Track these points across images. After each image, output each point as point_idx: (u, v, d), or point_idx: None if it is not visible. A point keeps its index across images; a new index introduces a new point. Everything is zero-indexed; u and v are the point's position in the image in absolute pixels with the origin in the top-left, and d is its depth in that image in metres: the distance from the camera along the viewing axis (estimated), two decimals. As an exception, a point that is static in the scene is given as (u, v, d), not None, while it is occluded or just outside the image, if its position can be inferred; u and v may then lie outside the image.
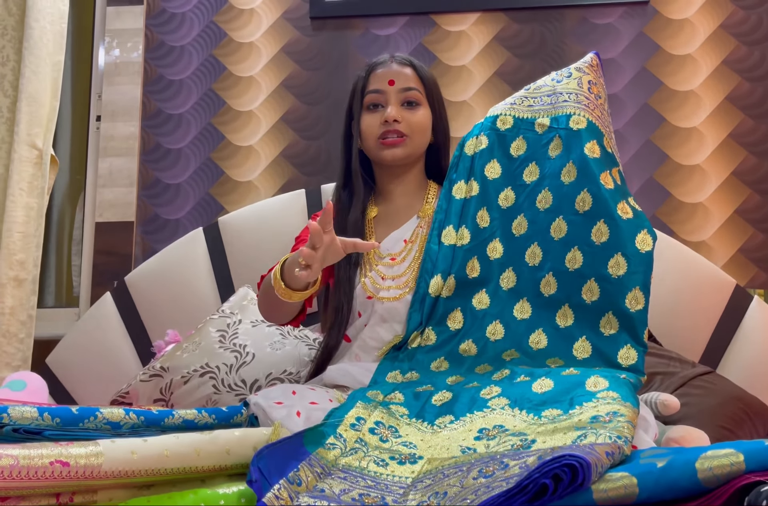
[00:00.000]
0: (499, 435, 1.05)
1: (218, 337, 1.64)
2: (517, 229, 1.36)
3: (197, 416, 1.01)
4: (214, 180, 2.16)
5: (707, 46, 2.09)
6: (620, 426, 0.96)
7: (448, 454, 1.03)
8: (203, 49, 2.24)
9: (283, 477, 0.89)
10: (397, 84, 1.45)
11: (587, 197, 1.30)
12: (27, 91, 1.98)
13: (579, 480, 0.75)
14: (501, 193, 1.40)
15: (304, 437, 1.01)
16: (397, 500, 0.90)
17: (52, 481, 0.76)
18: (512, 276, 1.35)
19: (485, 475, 0.87)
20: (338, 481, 0.94)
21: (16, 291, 1.90)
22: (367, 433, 1.09)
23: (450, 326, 1.34)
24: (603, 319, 1.26)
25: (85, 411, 0.90)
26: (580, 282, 1.27)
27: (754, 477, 0.74)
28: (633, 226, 1.27)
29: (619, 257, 1.26)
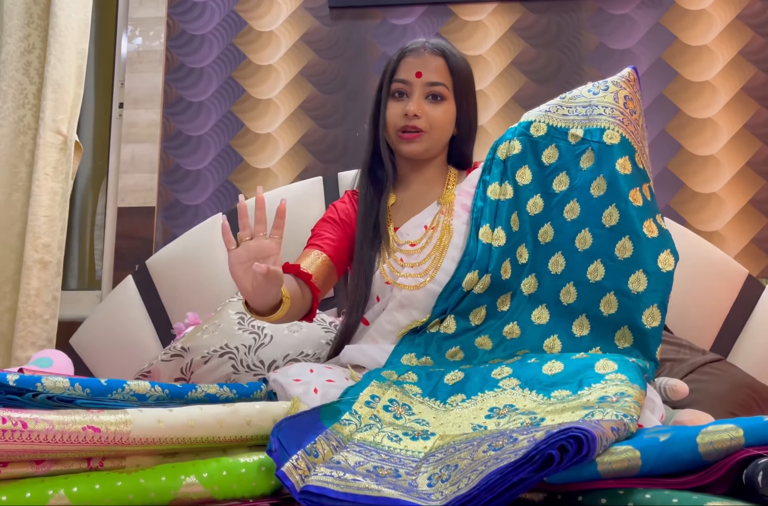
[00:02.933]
0: (509, 414, 1.07)
1: (237, 319, 1.68)
2: (543, 236, 1.39)
3: (219, 390, 1.05)
4: (233, 166, 2.20)
5: (724, 36, 2.10)
6: (627, 406, 0.99)
7: (460, 431, 1.06)
8: (223, 37, 2.27)
9: (301, 449, 0.92)
10: (423, 77, 1.43)
11: (615, 212, 1.32)
12: (52, 78, 2.02)
13: (584, 452, 0.78)
14: (530, 200, 1.42)
15: (320, 412, 1.05)
16: (409, 472, 0.93)
17: (84, 446, 0.80)
18: (534, 282, 1.38)
19: (495, 448, 0.90)
20: (353, 454, 0.97)
21: (41, 273, 1.95)
22: (381, 410, 1.12)
23: (471, 321, 1.37)
24: (618, 332, 1.28)
25: (114, 383, 0.95)
26: (599, 294, 1.30)
27: (753, 451, 0.77)
28: (657, 245, 1.29)
29: (641, 274, 1.28)
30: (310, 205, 1.93)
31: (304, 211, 1.90)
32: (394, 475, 0.92)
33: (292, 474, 0.87)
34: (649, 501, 0.77)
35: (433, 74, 1.44)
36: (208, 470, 0.87)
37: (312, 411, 1.03)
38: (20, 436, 0.76)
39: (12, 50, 2.07)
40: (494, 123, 2.13)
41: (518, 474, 0.77)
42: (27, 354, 1.88)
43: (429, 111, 1.43)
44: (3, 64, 2.06)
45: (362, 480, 0.86)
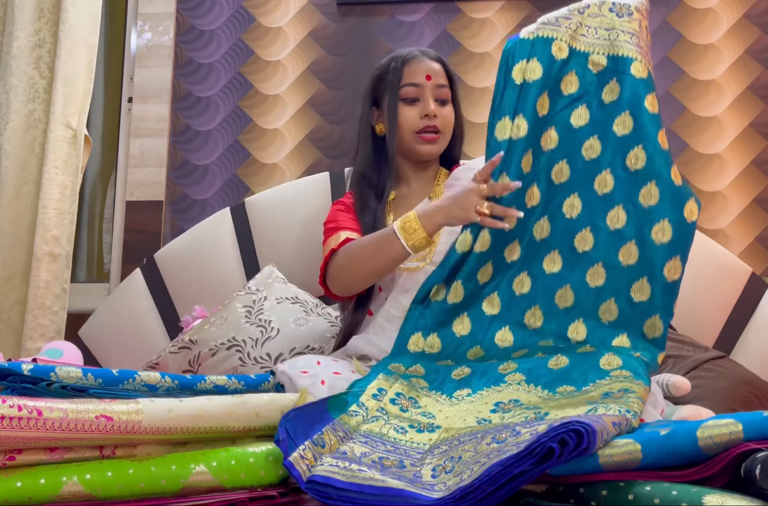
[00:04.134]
0: (514, 408, 1.08)
1: (244, 313, 1.70)
2: (558, 175, 1.26)
3: (227, 382, 1.07)
4: (241, 161, 2.22)
5: (730, 35, 2.11)
6: (630, 402, 1.00)
7: (465, 424, 1.07)
8: (232, 33, 2.29)
9: (308, 439, 0.94)
10: (433, 80, 1.51)
11: (641, 154, 1.21)
12: (62, 73, 2.04)
13: (584, 445, 0.79)
14: (545, 133, 1.26)
15: (328, 403, 1.06)
16: (414, 463, 0.95)
17: (97, 434, 0.82)
18: (547, 225, 1.26)
19: (498, 441, 0.91)
20: (359, 445, 0.98)
21: (51, 265, 1.97)
22: (387, 403, 1.13)
23: (479, 279, 1.28)
24: (636, 284, 1.21)
25: (125, 374, 0.97)
26: (618, 242, 1.22)
27: (752, 445, 0.78)
28: (683, 194, 1.21)
29: (666, 223, 1.20)
30: (317, 201, 1.95)
31: (311, 207, 1.92)
32: (398, 466, 0.93)
33: (299, 464, 0.89)
34: (649, 493, 0.78)
35: (439, 77, 1.52)
36: (217, 459, 0.89)
37: (320, 402, 1.05)
38: (35, 424, 0.78)
39: (23, 44, 2.09)
40: (500, 120, 2.14)
41: (519, 466, 0.79)
42: (37, 345, 1.90)
43: (441, 112, 1.51)
44: (14, 59, 2.08)
45: (367, 470, 0.87)
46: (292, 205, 1.99)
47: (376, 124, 1.56)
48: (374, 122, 1.56)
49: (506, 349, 1.25)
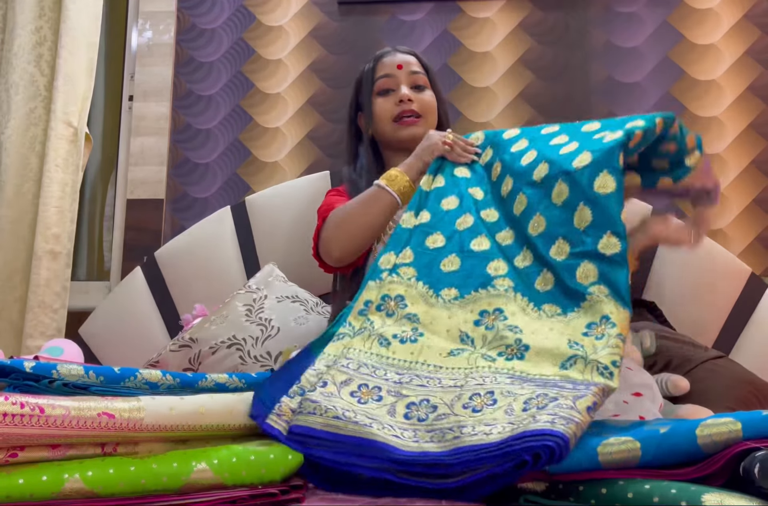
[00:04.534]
0: (496, 324, 1.09)
1: (245, 311, 1.70)
2: None
3: (228, 380, 1.07)
4: (241, 160, 2.22)
5: (730, 35, 2.11)
6: (609, 347, 0.99)
7: (448, 338, 1.09)
8: (233, 32, 2.29)
9: (284, 395, 0.97)
10: (405, 68, 1.56)
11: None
12: (63, 71, 2.04)
13: (556, 457, 0.82)
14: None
15: (311, 345, 1.10)
16: (391, 391, 0.99)
17: (99, 431, 0.83)
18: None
19: (474, 409, 0.93)
20: (342, 371, 1.02)
21: (51, 263, 1.97)
22: (373, 312, 1.15)
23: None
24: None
25: (126, 371, 0.97)
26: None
27: (751, 444, 0.78)
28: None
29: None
30: (317, 200, 1.94)
31: (312, 205, 1.92)
32: (375, 398, 0.97)
33: (277, 423, 0.94)
34: (648, 491, 0.79)
35: (412, 65, 1.57)
36: (219, 457, 0.89)
37: (302, 352, 1.09)
38: (37, 421, 0.79)
39: (24, 42, 2.09)
40: (500, 119, 2.14)
41: (495, 469, 0.83)
42: (37, 343, 1.90)
43: (419, 97, 1.55)
44: (15, 56, 2.08)
45: (342, 417, 0.92)
46: (292, 204, 1.99)
47: (362, 128, 1.59)
48: (361, 126, 1.60)
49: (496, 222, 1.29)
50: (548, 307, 1.11)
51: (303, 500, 0.91)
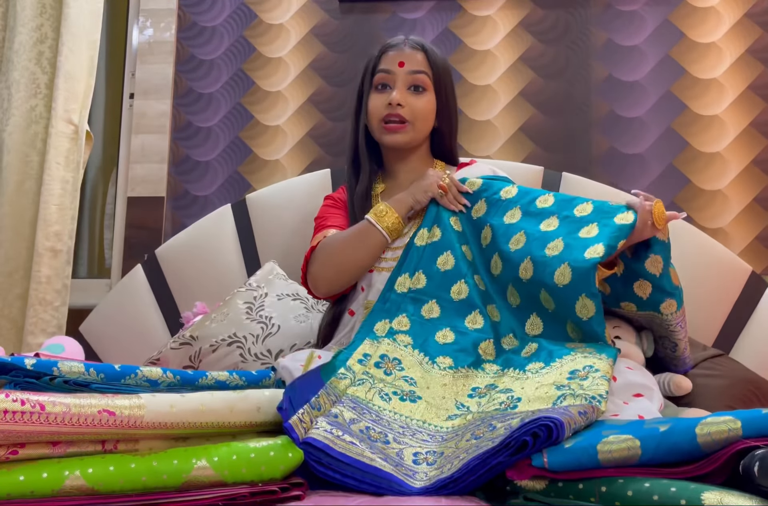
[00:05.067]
0: (489, 392, 1.15)
1: (245, 309, 1.70)
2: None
3: (229, 378, 1.07)
4: (242, 158, 2.22)
5: (732, 34, 2.11)
6: (595, 384, 1.05)
7: (444, 407, 1.13)
8: (234, 30, 2.29)
9: (307, 403, 1.01)
10: (406, 66, 1.48)
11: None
12: (64, 69, 2.04)
13: (554, 437, 0.85)
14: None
15: (321, 370, 1.13)
16: (396, 438, 1.02)
17: (99, 428, 0.83)
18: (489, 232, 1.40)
19: (476, 437, 0.96)
20: (348, 410, 1.05)
21: (52, 261, 1.97)
22: (372, 367, 1.20)
23: (441, 268, 1.39)
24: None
25: (127, 369, 0.97)
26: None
27: (751, 442, 0.78)
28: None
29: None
30: (318, 198, 1.94)
31: (312, 204, 1.92)
32: (383, 440, 1.00)
33: (297, 427, 0.96)
34: (648, 489, 0.79)
35: (415, 64, 1.49)
36: (219, 454, 0.89)
37: (315, 370, 1.11)
38: (38, 418, 0.79)
39: (25, 40, 2.09)
40: (501, 118, 2.14)
41: (497, 458, 0.86)
42: (38, 340, 1.90)
43: (412, 101, 1.48)
44: (16, 54, 2.08)
45: (358, 444, 0.94)
46: (293, 202, 1.99)
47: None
48: (363, 112, 1.56)
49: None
50: (532, 366, 1.18)
51: (303, 497, 0.91)
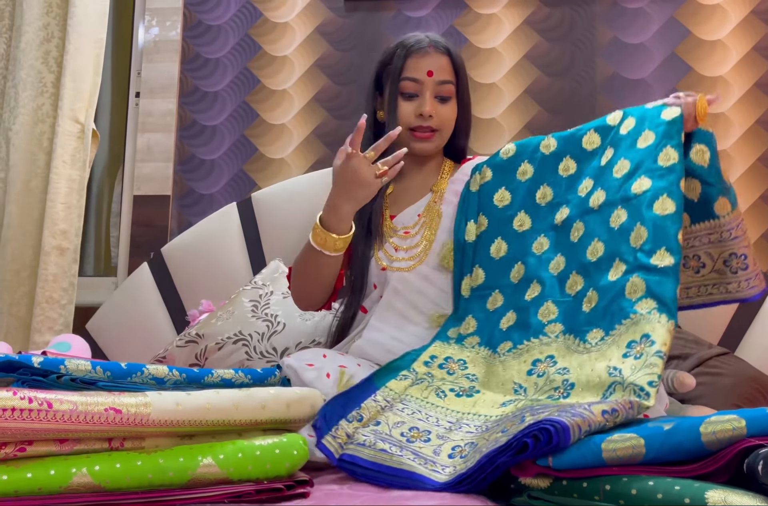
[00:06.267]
0: (548, 370, 1.14)
1: (251, 307, 1.71)
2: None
3: (234, 376, 1.08)
4: (247, 156, 2.23)
5: (738, 31, 2.10)
6: (647, 367, 1.01)
7: (503, 392, 1.15)
8: (239, 28, 2.29)
9: (342, 419, 1.05)
10: (435, 76, 1.46)
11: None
12: (70, 67, 2.04)
13: (554, 443, 0.85)
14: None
15: (375, 375, 1.17)
16: (440, 435, 1.04)
17: (106, 426, 0.83)
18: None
19: (504, 430, 0.97)
20: (396, 414, 1.09)
21: (58, 259, 1.98)
22: (436, 368, 1.24)
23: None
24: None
25: (133, 367, 0.97)
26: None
27: (755, 441, 0.79)
28: None
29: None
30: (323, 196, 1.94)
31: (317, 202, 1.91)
32: (424, 439, 1.04)
33: (331, 444, 1.03)
34: (652, 488, 0.79)
35: (443, 73, 1.48)
36: (224, 452, 0.90)
37: (364, 381, 1.15)
38: (45, 416, 0.79)
39: (31, 39, 2.10)
40: (506, 115, 2.14)
41: (500, 457, 0.89)
42: (44, 338, 1.91)
43: (441, 111, 1.48)
44: (22, 53, 2.09)
45: (388, 450, 0.99)
46: (298, 200, 2.00)
47: (378, 110, 1.55)
48: (377, 107, 1.55)
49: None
50: (592, 335, 1.15)
51: (308, 495, 0.92)
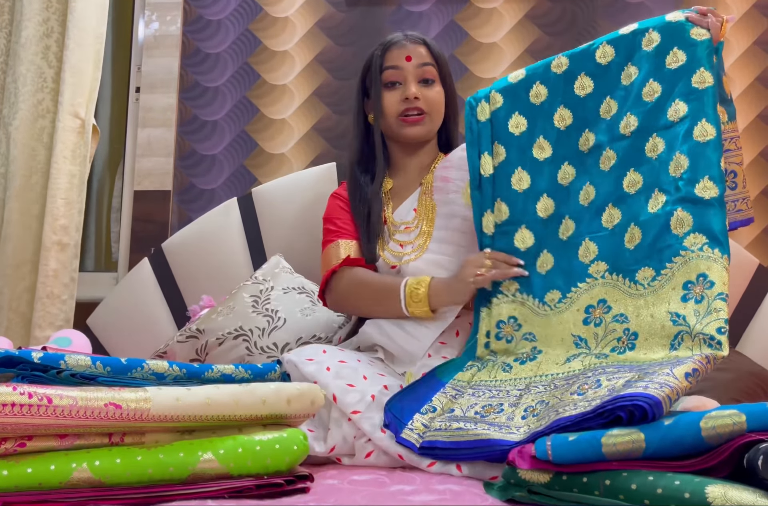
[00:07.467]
0: (604, 318, 1.12)
1: (251, 302, 1.71)
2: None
3: (235, 371, 1.08)
4: (248, 152, 2.22)
5: (739, 26, 2.09)
6: (713, 312, 1.00)
7: (564, 347, 1.14)
8: (239, 23, 2.28)
9: (416, 413, 1.09)
10: (414, 60, 1.49)
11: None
12: (70, 62, 2.04)
13: (650, 418, 0.86)
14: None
15: (435, 372, 1.20)
16: (512, 403, 1.07)
17: (106, 421, 0.83)
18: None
19: (580, 392, 0.98)
20: (467, 398, 1.12)
21: (59, 254, 1.98)
22: (495, 341, 1.24)
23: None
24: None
25: (133, 362, 0.97)
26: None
27: (755, 436, 0.79)
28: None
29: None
30: (323, 191, 1.95)
31: (318, 197, 1.92)
32: (497, 410, 1.07)
33: (410, 436, 1.06)
34: (652, 482, 0.79)
35: (421, 57, 1.50)
36: (225, 447, 0.90)
37: (425, 377, 1.19)
38: (45, 411, 0.80)
39: (31, 34, 2.09)
40: (508, 110, 2.13)
41: (588, 423, 0.90)
42: (45, 333, 1.91)
43: (426, 93, 1.49)
44: (22, 48, 2.08)
45: (464, 426, 1.02)
46: (299, 196, 1.99)
47: (369, 114, 1.56)
48: (367, 112, 1.56)
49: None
50: (642, 274, 1.11)
51: (308, 490, 0.92)
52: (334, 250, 1.47)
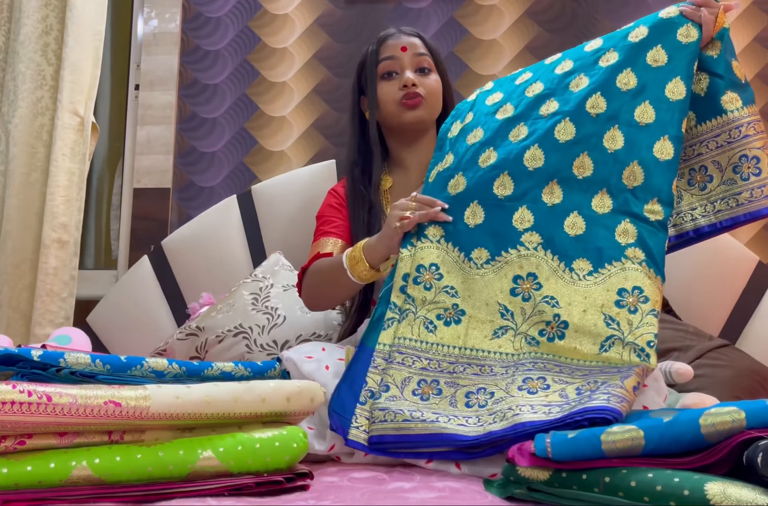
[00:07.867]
0: (532, 294, 1.11)
1: (251, 300, 1.71)
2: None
3: (234, 369, 1.07)
4: (247, 149, 2.22)
5: (739, 22, 2.09)
6: (644, 325, 1.04)
7: (488, 314, 1.12)
8: (238, 20, 2.28)
9: (356, 403, 1.05)
10: (409, 50, 1.50)
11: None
12: (69, 60, 2.04)
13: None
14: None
15: (364, 337, 1.16)
16: (448, 382, 1.06)
17: (106, 419, 0.83)
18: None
19: (530, 390, 1.00)
20: (397, 368, 1.09)
21: (59, 252, 1.98)
22: (412, 285, 1.17)
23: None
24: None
25: (133, 360, 0.97)
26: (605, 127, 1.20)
27: (755, 433, 0.78)
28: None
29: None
30: (323, 188, 1.94)
31: (318, 194, 1.92)
32: (435, 392, 1.05)
33: (357, 437, 1.03)
34: (651, 479, 0.79)
35: (416, 47, 1.52)
36: (224, 445, 0.90)
37: (357, 350, 1.15)
38: (45, 409, 0.79)
39: (30, 32, 2.09)
40: (507, 107, 2.13)
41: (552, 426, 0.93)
42: (45, 331, 1.91)
43: (423, 81, 1.50)
44: (21, 46, 2.08)
45: (411, 419, 1.01)
46: (298, 193, 1.99)
47: (365, 111, 1.55)
48: (364, 109, 1.55)
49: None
50: (579, 265, 1.12)
51: (308, 488, 0.92)
52: (316, 248, 1.46)
